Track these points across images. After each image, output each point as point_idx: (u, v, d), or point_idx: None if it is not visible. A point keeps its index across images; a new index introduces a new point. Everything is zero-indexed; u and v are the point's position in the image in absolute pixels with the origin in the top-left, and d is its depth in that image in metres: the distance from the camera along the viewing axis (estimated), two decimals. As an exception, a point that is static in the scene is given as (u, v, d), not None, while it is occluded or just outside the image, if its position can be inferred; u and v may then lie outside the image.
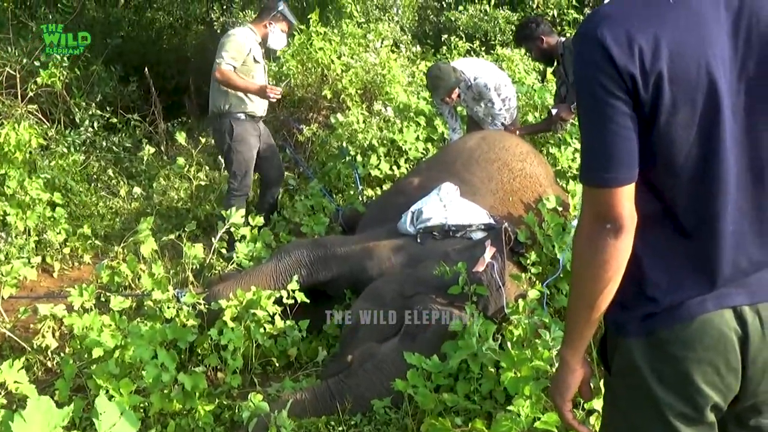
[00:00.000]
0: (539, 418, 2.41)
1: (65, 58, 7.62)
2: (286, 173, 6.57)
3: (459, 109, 6.12)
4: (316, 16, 7.41)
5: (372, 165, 6.17)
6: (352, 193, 6.02)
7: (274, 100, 5.51)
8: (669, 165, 1.49)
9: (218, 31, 8.60)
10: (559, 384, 1.72)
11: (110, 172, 7.38)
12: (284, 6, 5.52)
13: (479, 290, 3.31)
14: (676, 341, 1.52)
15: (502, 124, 5.56)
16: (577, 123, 6.39)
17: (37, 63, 7.86)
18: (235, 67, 5.33)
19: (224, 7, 8.78)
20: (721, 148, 1.46)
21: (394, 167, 6.23)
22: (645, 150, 1.48)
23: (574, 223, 3.93)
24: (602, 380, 2.16)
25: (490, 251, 3.48)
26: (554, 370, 2.33)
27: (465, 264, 3.34)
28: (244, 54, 5.35)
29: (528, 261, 3.68)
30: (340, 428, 3.17)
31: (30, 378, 3.72)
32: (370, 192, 6.07)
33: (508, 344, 2.77)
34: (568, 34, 6.19)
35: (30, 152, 5.97)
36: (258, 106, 5.55)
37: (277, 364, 3.81)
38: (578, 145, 6.24)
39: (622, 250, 1.51)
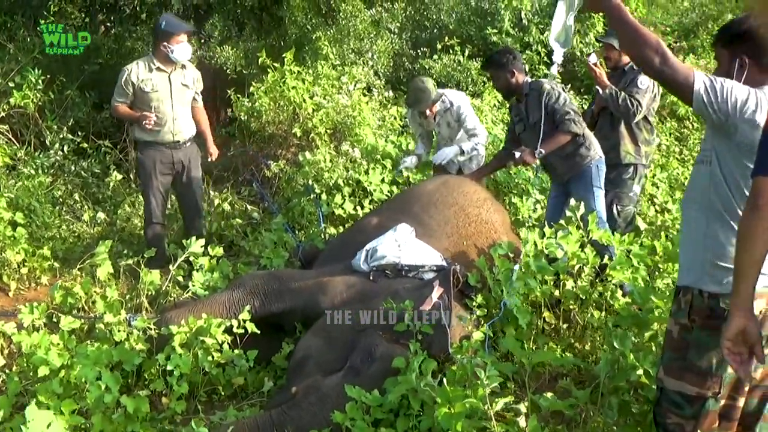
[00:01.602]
0: (469, 454, 2.47)
1: (40, 81, 7.67)
2: (250, 207, 6.66)
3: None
4: (290, 56, 7.55)
5: (336, 204, 6.27)
6: (314, 230, 6.09)
7: (149, 126, 5.48)
8: None
9: (193, 64, 8.72)
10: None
11: (76, 196, 7.39)
12: (165, 22, 5.53)
13: (424, 329, 3.38)
14: None
15: (473, 148, 5.75)
16: (537, 172, 6.56)
17: (11, 84, 7.91)
18: (125, 103, 5.55)
19: (202, 41, 8.87)
20: None
21: (358, 207, 6.32)
22: None
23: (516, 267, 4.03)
24: None
25: (437, 291, 3.57)
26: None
27: (412, 302, 3.41)
28: (128, 89, 5.50)
29: (474, 303, 3.75)
30: (280, 459, 3.20)
31: (-26, 394, 3.74)
32: (332, 230, 6.15)
33: (444, 381, 2.82)
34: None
35: (-6, 171, 5.99)
36: (160, 134, 5.61)
37: (223, 393, 3.83)
38: (539, 196, 6.44)
39: None
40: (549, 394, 3.04)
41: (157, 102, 5.53)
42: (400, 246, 4.12)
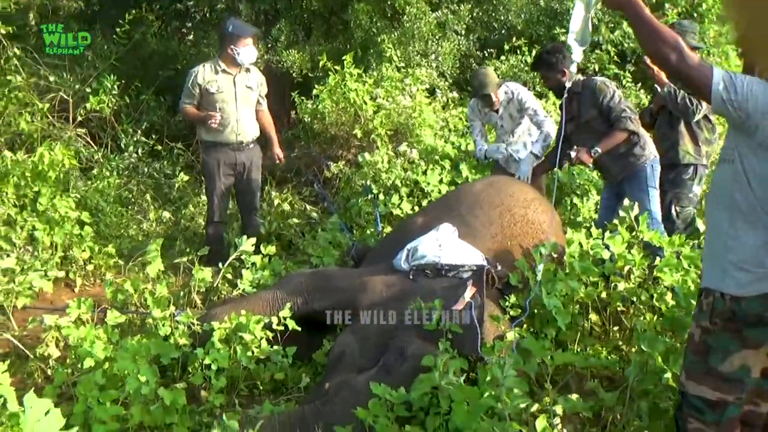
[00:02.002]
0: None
1: (115, 86, 7.97)
2: (309, 207, 6.76)
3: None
4: (350, 58, 7.63)
5: (394, 204, 6.30)
6: (371, 230, 6.14)
7: (214, 126, 5.63)
8: None
9: (260, 68, 8.90)
10: None
11: (148, 196, 7.65)
12: (232, 25, 5.67)
13: (453, 328, 3.37)
14: None
15: (546, 138, 5.73)
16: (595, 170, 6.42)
17: (88, 89, 8.26)
18: (192, 104, 5.72)
19: (269, 46, 9.04)
20: None
21: (416, 207, 6.34)
22: None
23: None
24: None
25: (470, 291, 3.55)
26: None
27: (441, 301, 3.41)
28: (194, 90, 5.68)
29: (507, 303, 3.71)
30: (310, 453, 3.24)
31: (29, 384, 3.94)
32: (390, 230, 6.18)
33: (457, 379, 2.81)
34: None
35: (65, 172, 6.26)
36: (224, 134, 5.75)
37: (262, 388, 3.91)
38: (598, 198, 6.32)
39: None
40: (574, 396, 2.99)
41: (222, 103, 5.67)
42: (441, 246, 4.11)
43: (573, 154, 5.02)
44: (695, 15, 9.82)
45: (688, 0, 10.01)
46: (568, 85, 4.60)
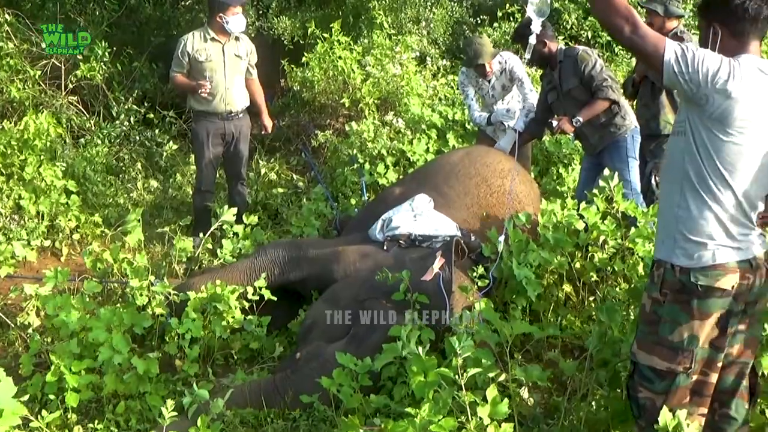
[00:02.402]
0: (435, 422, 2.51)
1: (107, 53, 7.96)
2: (296, 176, 6.79)
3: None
4: (338, 26, 7.61)
5: (379, 174, 6.33)
6: (356, 200, 6.17)
7: (204, 95, 5.61)
8: None
9: (251, 35, 8.89)
10: None
11: (139, 165, 7.67)
12: None
13: (420, 298, 3.42)
14: None
15: (529, 112, 5.64)
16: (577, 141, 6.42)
17: (80, 57, 8.23)
18: (182, 73, 5.69)
19: (260, 12, 9.01)
20: None
21: (402, 177, 6.35)
22: None
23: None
24: None
25: (439, 261, 3.60)
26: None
27: (409, 272, 3.46)
28: (184, 59, 5.65)
29: (475, 274, 3.76)
30: (279, 421, 3.32)
31: (10, 353, 4.02)
32: (374, 200, 6.22)
33: (419, 349, 2.86)
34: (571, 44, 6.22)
35: (52, 141, 6.30)
36: (213, 103, 5.72)
37: (237, 357, 3.98)
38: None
39: None
40: (534, 366, 3.05)
41: (211, 72, 5.65)
42: (416, 216, 4.16)
43: (555, 123, 5.02)
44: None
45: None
46: (527, 56, 4.57)
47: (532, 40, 3.32)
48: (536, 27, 3.08)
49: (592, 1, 2.56)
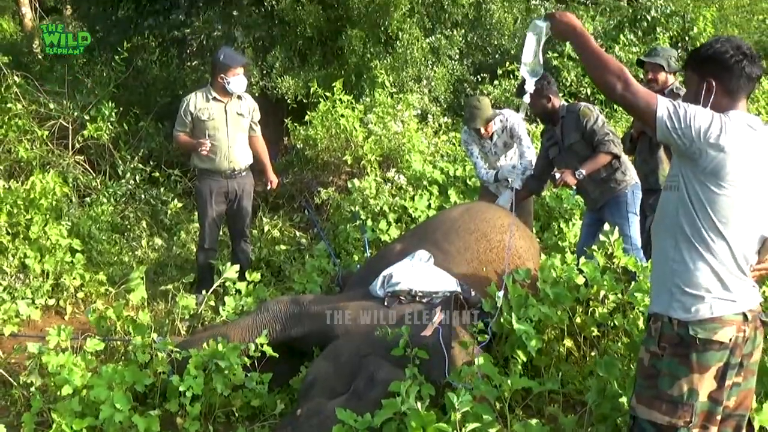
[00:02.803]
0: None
1: (113, 113, 8.11)
2: (299, 233, 6.84)
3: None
4: (339, 85, 7.76)
5: (382, 230, 6.38)
6: (358, 257, 6.21)
7: (205, 153, 5.68)
8: None
9: (255, 94, 9.06)
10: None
11: (143, 223, 7.74)
12: (223, 54, 5.72)
13: (419, 354, 3.44)
14: None
15: (525, 169, 5.69)
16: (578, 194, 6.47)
17: (87, 117, 8.39)
18: (184, 131, 5.80)
19: (264, 72, 9.18)
20: None
21: (403, 233, 6.41)
22: None
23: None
24: None
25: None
26: None
27: (409, 327, 3.48)
28: (186, 118, 5.75)
29: (474, 329, 3.77)
30: (281, 479, 3.31)
31: (12, 411, 4.02)
32: (376, 256, 6.25)
33: (418, 404, 2.87)
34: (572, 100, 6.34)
35: (58, 200, 6.38)
36: (216, 162, 5.80)
37: (238, 414, 3.97)
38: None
39: None
40: (534, 421, 3.05)
41: (213, 130, 5.74)
42: (416, 272, 4.19)
43: (558, 175, 5.07)
44: (687, 39, 9.92)
45: (679, 24, 10.11)
46: (521, 114, 4.63)
47: (526, 99, 3.40)
48: (530, 87, 3.15)
49: (585, 61, 2.64)
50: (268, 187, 6.46)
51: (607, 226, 4.67)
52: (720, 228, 2.48)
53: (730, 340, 2.47)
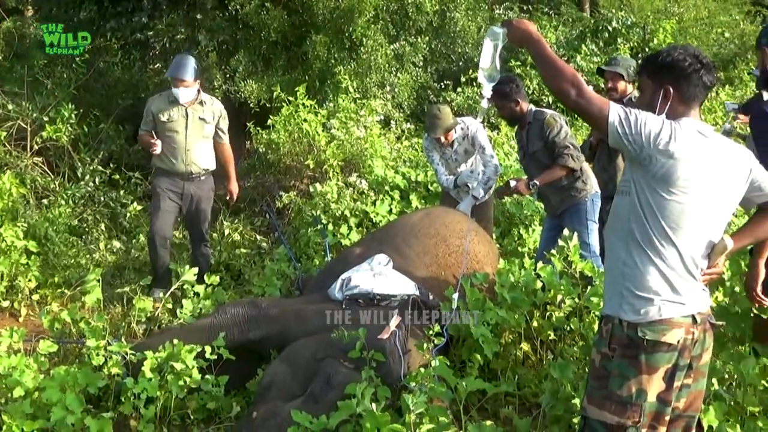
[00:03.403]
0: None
1: (73, 115, 8.01)
2: (259, 237, 6.81)
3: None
4: (303, 90, 7.75)
5: (343, 234, 6.38)
6: (319, 261, 6.20)
7: (155, 153, 5.71)
8: None
9: (218, 98, 9.02)
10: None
11: (102, 226, 7.65)
12: (174, 65, 5.78)
13: (376, 356, 3.44)
14: None
15: (489, 179, 5.74)
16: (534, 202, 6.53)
17: (46, 118, 8.28)
18: (147, 131, 5.80)
19: (227, 76, 9.15)
20: None
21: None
22: None
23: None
24: None
25: (395, 320, 3.63)
26: None
27: (366, 330, 3.48)
28: (148, 117, 5.79)
29: (431, 332, 3.79)
30: (235, 481, 3.29)
31: (-37, 414, 3.93)
32: (337, 261, 6.25)
33: (373, 406, 2.87)
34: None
35: (14, 201, 6.28)
36: (172, 163, 5.80)
37: (194, 417, 3.94)
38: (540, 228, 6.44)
39: None
40: (488, 423, 3.07)
41: (172, 133, 5.72)
42: (375, 275, 4.19)
43: (513, 183, 5.11)
44: (647, 50, 10.08)
45: (640, 36, 10.26)
46: (479, 119, 4.64)
47: (484, 104, 3.42)
48: (487, 92, 3.18)
49: (541, 68, 2.68)
50: (227, 197, 6.45)
51: (566, 232, 4.71)
52: (669, 233, 2.52)
53: (678, 342, 2.51)
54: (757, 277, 3.27)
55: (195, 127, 5.82)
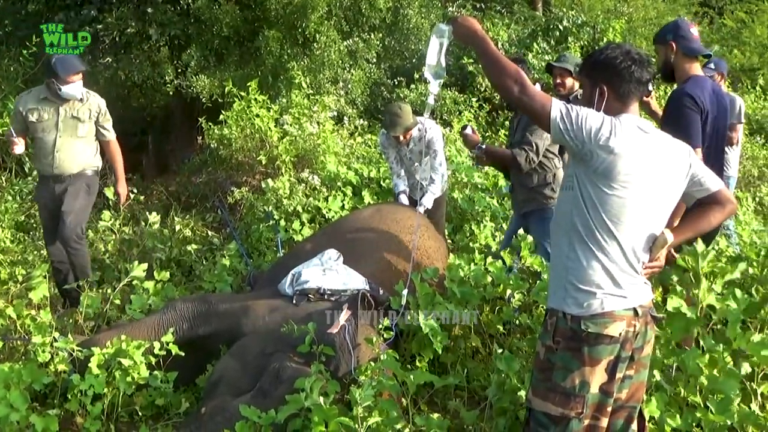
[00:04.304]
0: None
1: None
2: (210, 233, 6.77)
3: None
4: (255, 85, 7.73)
5: (295, 230, 6.37)
6: (271, 257, 6.18)
7: (16, 153, 5.57)
8: None
9: (170, 93, 8.99)
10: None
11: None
12: (57, 62, 5.31)
13: (326, 350, 3.45)
14: None
15: (441, 179, 5.74)
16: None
17: (-6, 113, 8.12)
18: (17, 129, 5.46)
19: (178, 71, 9.07)
20: None
21: (317, 233, 6.42)
22: None
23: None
24: None
25: (345, 314, 3.65)
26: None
27: (315, 324, 3.49)
28: (17, 116, 5.46)
29: (380, 326, 3.81)
30: (184, 477, 3.27)
31: None
32: (289, 256, 6.24)
33: (321, 400, 2.89)
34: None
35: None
36: (43, 165, 5.51)
37: (142, 414, 3.90)
38: (492, 224, 6.52)
39: None
40: (435, 415, 3.10)
41: (42, 132, 5.41)
42: (325, 270, 4.20)
43: (468, 130, 4.88)
44: (596, 48, 10.21)
45: (590, 35, 10.41)
46: (426, 115, 4.60)
47: (431, 100, 3.44)
48: (434, 88, 3.20)
49: (484, 65, 2.71)
50: (114, 199, 6.07)
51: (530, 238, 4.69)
52: (611, 227, 2.57)
53: (620, 334, 2.56)
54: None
55: (67, 126, 5.45)
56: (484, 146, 4.93)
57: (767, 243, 6.31)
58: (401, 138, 5.68)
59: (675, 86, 4.01)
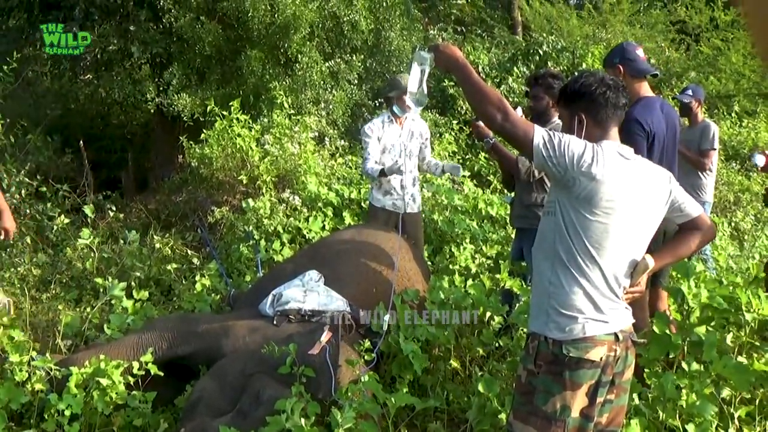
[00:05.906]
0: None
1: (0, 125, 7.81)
2: (190, 252, 6.74)
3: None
4: (237, 104, 7.74)
5: (275, 250, 6.36)
6: (251, 277, 6.17)
7: None
8: None
9: (152, 111, 8.97)
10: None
11: (28, 239, 7.46)
12: None
13: (306, 372, 3.45)
14: None
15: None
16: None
17: (-29, 128, 8.05)
18: None
19: (160, 89, 9.07)
20: None
21: (297, 254, 6.42)
22: None
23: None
24: None
25: (326, 335, 3.65)
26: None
27: (296, 345, 3.49)
28: None
29: (361, 348, 3.82)
30: (161, 499, 3.25)
31: None
32: (269, 277, 6.23)
33: (302, 421, 2.89)
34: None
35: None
36: None
37: (120, 434, 3.88)
38: (472, 247, 6.55)
39: None
40: (416, 438, 3.11)
41: None
42: (306, 291, 4.21)
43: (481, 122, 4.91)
44: (575, 73, 10.33)
45: (569, 60, 10.53)
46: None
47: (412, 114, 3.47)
48: (415, 115, 3.24)
49: (467, 93, 2.75)
50: (2, 237, 5.66)
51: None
52: (593, 253, 2.60)
53: (601, 359, 2.59)
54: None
55: None
56: (492, 140, 4.90)
57: (743, 268, 6.40)
58: (405, 98, 5.41)
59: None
